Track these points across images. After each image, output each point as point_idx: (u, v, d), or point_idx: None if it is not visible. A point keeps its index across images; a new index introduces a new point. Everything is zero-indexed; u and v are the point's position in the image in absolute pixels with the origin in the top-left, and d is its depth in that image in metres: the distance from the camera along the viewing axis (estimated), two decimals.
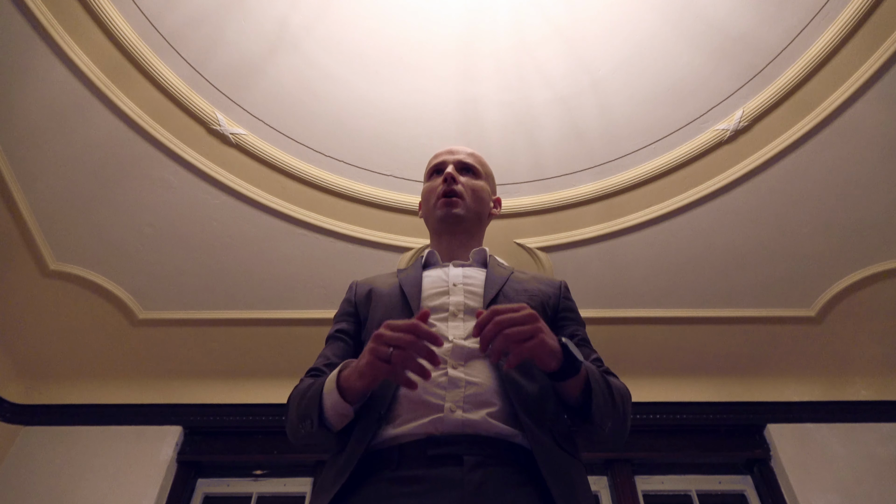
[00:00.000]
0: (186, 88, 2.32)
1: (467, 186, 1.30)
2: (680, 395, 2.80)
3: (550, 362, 0.85)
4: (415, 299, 1.10)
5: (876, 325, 2.76)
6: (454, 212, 1.26)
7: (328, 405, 0.92)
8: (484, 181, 1.35)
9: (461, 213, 1.27)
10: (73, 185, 2.40)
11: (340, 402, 0.91)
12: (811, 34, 2.18)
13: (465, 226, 1.29)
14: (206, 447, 2.70)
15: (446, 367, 0.96)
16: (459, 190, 1.28)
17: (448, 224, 1.28)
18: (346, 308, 1.22)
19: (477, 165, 1.36)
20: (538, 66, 2.39)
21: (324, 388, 0.94)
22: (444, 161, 1.34)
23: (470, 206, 1.29)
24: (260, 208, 2.54)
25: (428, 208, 1.32)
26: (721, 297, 2.75)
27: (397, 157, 2.52)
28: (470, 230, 1.30)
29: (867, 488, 2.49)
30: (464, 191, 1.29)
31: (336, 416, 0.92)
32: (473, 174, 1.34)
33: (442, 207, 1.27)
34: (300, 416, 0.97)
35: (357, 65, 2.37)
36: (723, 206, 2.53)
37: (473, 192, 1.31)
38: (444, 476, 0.82)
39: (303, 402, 0.98)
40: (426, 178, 1.38)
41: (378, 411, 0.93)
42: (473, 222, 1.31)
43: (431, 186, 1.33)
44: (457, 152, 1.36)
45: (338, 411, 0.92)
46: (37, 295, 2.60)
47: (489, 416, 0.90)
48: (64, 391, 2.79)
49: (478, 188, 1.32)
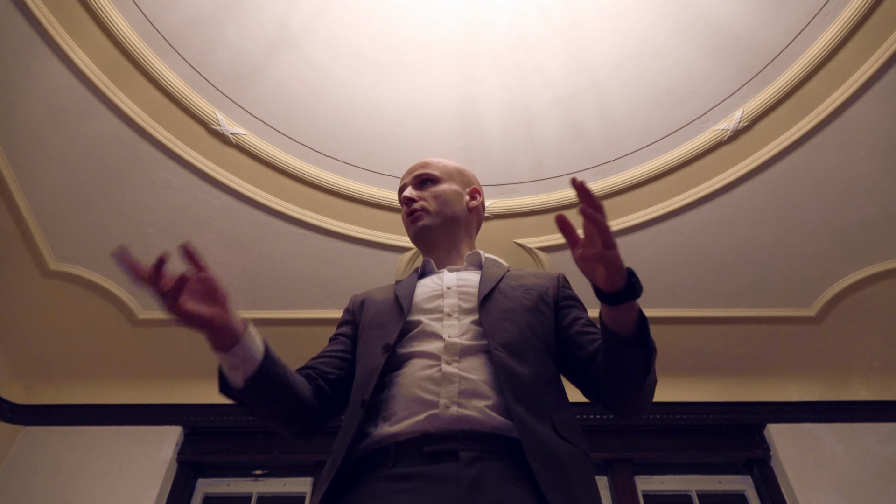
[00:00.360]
0: (186, 88, 2.32)
1: (428, 196, 1.31)
2: (680, 395, 2.80)
3: (619, 278, 0.85)
4: (406, 300, 1.11)
5: (876, 325, 2.77)
6: (420, 224, 1.28)
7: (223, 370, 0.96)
8: (447, 182, 1.35)
9: (428, 223, 1.28)
10: (73, 185, 2.40)
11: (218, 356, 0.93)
12: (811, 34, 2.18)
13: (441, 232, 1.30)
14: (206, 447, 2.70)
15: (440, 363, 0.96)
16: (418, 206, 1.29)
17: (422, 238, 1.30)
18: (345, 317, 1.27)
19: (434, 172, 1.35)
20: (538, 66, 2.39)
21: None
22: (403, 185, 1.37)
23: (435, 212, 1.29)
24: (260, 208, 2.54)
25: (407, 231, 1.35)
26: (721, 297, 2.75)
27: (397, 157, 2.52)
28: (449, 234, 1.31)
29: (867, 488, 2.49)
30: (426, 203, 1.29)
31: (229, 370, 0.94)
32: (433, 182, 1.34)
33: (409, 226, 1.30)
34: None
35: (357, 65, 2.37)
36: (723, 206, 2.53)
37: (436, 199, 1.31)
38: (439, 472, 0.82)
39: None
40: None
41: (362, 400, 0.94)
42: (448, 226, 1.31)
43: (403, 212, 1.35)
44: (413, 170, 1.37)
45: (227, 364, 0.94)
46: (37, 295, 2.60)
47: (484, 410, 0.90)
48: (64, 391, 2.79)
49: (439, 193, 1.32)
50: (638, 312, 0.91)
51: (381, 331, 1.07)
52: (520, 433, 0.87)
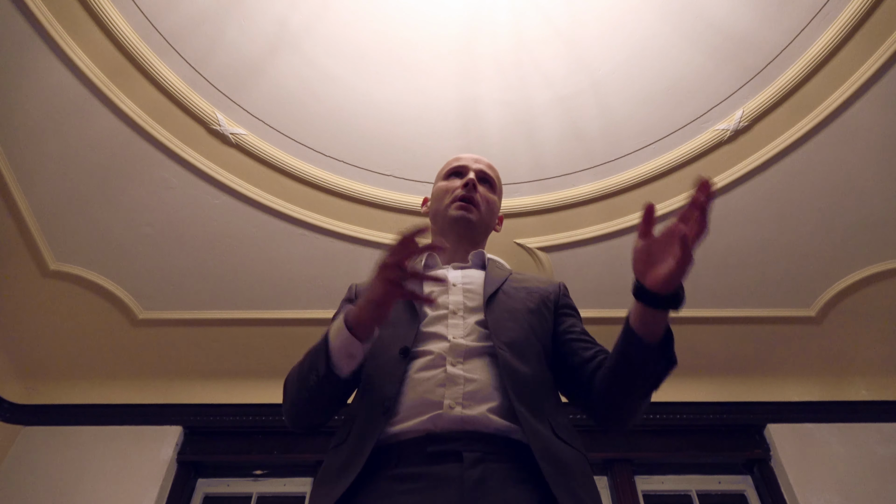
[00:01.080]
0: (186, 88, 2.32)
1: (483, 197, 1.32)
2: (680, 395, 2.80)
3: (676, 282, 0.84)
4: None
5: (876, 325, 2.77)
6: (468, 216, 1.28)
7: (336, 347, 0.93)
8: (497, 196, 1.39)
9: (474, 220, 1.29)
10: (73, 185, 2.40)
11: (350, 339, 0.91)
12: (811, 34, 2.18)
13: (473, 233, 1.31)
14: (206, 447, 2.70)
15: (445, 364, 0.96)
16: (478, 199, 1.30)
17: (458, 227, 1.29)
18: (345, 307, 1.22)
19: (495, 180, 1.39)
20: (538, 67, 2.39)
21: (329, 335, 0.95)
22: (466, 166, 1.36)
23: (483, 216, 1.31)
24: (260, 208, 2.54)
25: (439, 207, 1.33)
26: (721, 297, 2.75)
27: (397, 157, 2.52)
28: (475, 238, 1.32)
29: (867, 488, 2.49)
30: (480, 200, 1.31)
31: (344, 357, 0.93)
32: (490, 187, 1.37)
33: (458, 210, 1.29)
34: (308, 368, 0.97)
35: (357, 65, 2.37)
36: (723, 206, 2.53)
37: (488, 204, 1.33)
38: (443, 473, 0.82)
39: (307, 359, 0.99)
40: (442, 177, 1.39)
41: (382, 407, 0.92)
42: (481, 232, 1.33)
43: (448, 186, 1.34)
44: (480, 161, 1.39)
45: (347, 351, 0.92)
46: (37, 295, 2.60)
47: (488, 413, 0.90)
48: (64, 391, 2.79)
49: (492, 201, 1.35)
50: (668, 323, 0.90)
51: (392, 330, 1.05)
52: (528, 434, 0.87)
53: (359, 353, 0.94)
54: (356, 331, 0.92)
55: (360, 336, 0.92)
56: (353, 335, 0.91)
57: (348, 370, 0.94)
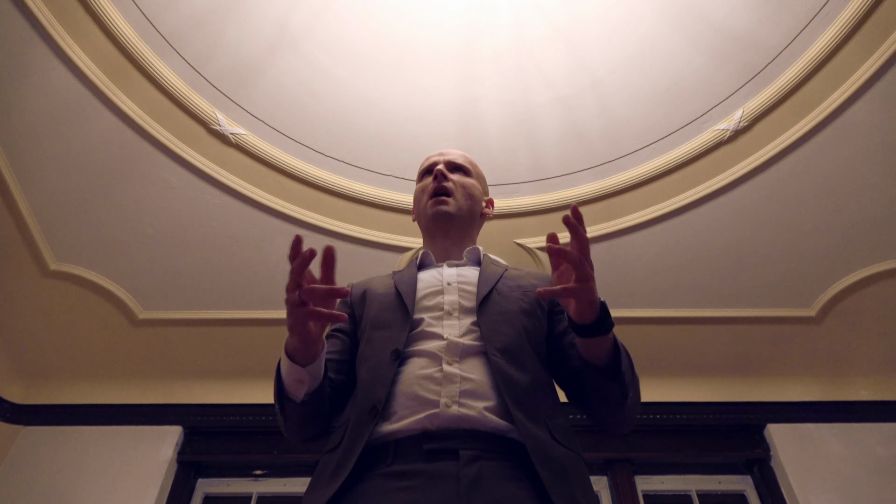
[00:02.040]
0: (186, 88, 2.32)
1: (458, 183, 1.30)
2: (680, 395, 2.80)
3: (589, 312, 0.86)
4: (410, 298, 1.10)
5: (876, 325, 2.77)
6: (444, 209, 1.26)
7: (285, 375, 0.94)
8: (475, 180, 1.36)
9: (451, 211, 1.27)
10: (73, 185, 2.40)
11: (292, 367, 0.92)
12: (811, 34, 2.18)
13: (457, 224, 1.29)
14: (206, 447, 2.70)
15: (441, 363, 0.96)
16: (449, 187, 1.28)
17: (439, 222, 1.27)
18: (342, 309, 1.22)
19: (467, 165, 1.37)
20: (538, 66, 2.39)
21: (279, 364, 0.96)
22: (434, 161, 1.35)
23: (461, 203, 1.29)
24: (260, 208, 2.54)
25: (420, 209, 1.32)
26: (721, 297, 2.75)
27: (397, 157, 2.52)
28: (462, 228, 1.30)
29: (867, 488, 2.49)
30: (454, 188, 1.29)
31: (293, 382, 0.93)
32: (464, 172, 1.35)
33: (433, 206, 1.27)
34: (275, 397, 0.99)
35: (357, 65, 2.37)
36: (723, 206, 2.53)
37: (464, 189, 1.31)
38: (439, 470, 0.82)
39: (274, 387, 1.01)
40: (418, 179, 1.39)
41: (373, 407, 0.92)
42: (465, 220, 1.30)
43: (423, 186, 1.33)
44: (447, 153, 1.37)
45: (294, 377, 0.93)
46: (37, 295, 2.60)
47: (484, 411, 0.90)
48: (64, 391, 2.79)
49: (468, 185, 1.32)
50: (612, 345, 0.91)
51: (386, 332, 1.06)
52: (523, 437, 0.87)
53: (305, 377, 0.93)
54: (296, 358, 0.92)
55: (300, 362, 0.92)
56: (294, 363, 0.92)
57: (303, 394, 0.94)
